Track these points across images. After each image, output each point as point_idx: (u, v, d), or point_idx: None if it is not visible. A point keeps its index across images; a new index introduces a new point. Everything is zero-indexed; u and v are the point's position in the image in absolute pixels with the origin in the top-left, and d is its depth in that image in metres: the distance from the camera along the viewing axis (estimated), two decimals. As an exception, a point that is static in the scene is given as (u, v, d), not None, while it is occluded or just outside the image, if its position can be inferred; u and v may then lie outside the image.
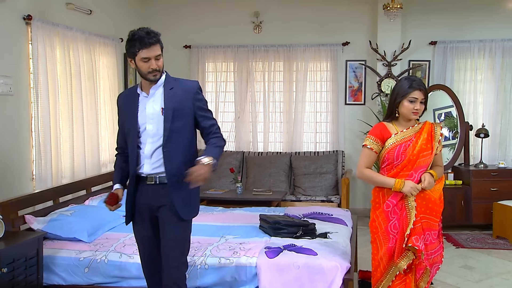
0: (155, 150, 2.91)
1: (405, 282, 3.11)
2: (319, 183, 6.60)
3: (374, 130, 3.25)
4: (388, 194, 3.17)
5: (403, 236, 3.10)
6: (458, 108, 6.50)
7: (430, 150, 3.17)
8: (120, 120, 3.11)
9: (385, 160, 3.20)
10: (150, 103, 2.93)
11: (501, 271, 4.88)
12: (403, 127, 3.23)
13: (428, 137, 3.19)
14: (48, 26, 4.71)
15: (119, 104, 3.11)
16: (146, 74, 2.87)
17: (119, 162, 3.15)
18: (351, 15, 6.99)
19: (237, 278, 3.49)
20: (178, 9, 7.16)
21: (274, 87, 7.12)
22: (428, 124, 3.25)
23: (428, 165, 3.17)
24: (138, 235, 3.07)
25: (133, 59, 2.87)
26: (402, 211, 3.14)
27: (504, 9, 6.58)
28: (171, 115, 2.89)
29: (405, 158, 3.14)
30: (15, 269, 3.32)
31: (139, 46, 2.81)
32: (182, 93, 2.95)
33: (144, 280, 3.52)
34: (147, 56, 2.83)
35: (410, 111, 3.17)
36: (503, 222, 5.89)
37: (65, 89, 4.99)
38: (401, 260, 3.10)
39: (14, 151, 4.43)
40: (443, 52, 6.80)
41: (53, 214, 4.18)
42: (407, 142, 3.16)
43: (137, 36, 2.81)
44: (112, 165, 5.88)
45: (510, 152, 6.77)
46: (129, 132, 2.99)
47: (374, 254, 3.25)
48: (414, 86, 3.16)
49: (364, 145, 3.25)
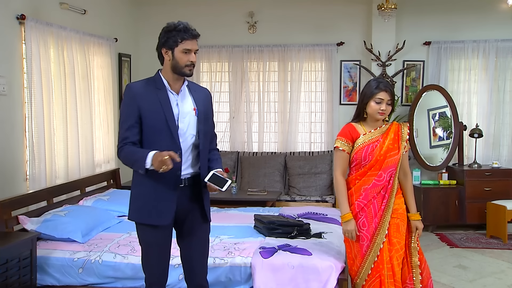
0: (185, 150, 2.82)
1: (380, 279, 3.15)
2: (314, 183, 6.61)
3: (343, 131, 3.33)
4: (357, 193, 3.25)
5: (372, 233, 3.19)
6: (452, 108, 6.52)
7: (397, 150, 3.25)
8: (135, 113, 2.75)
9: (353, 160, 3.29)
10: (181, 102, 2.83)
11: (495, 271, 4.90)
12: (371, 127, 3.31)
13: (395, 136, 3.27)
14: (42, 25, 4.69)
15: (136, 95, 2.76)
16: (183, 67, 2.76)
17: (136, 147, 2.78)
18: (346, 16, 7.00)
19: (232, 278, 3.49)
20: (173, 9, 7.15)
21: (269, 87, 7.12)
22: (395, 125, 3.34)
23: (397, 164, 3.24)
24: (154, 241, 2.85)
25: (172, 50, 2.75)
26: (370, 210, 3.22)
27: (498, 10, 6.61)
28: (203, 117, 2.87)
29: (373, 158, 3.22)
30: (9, 270, 3.30)
31: (184, 36, 2.73)
32: (205, 98, 2.96)
33: (138, 280, 3.54)
34: (190, 48, 2.75)
35: (376, 111, 3.24)
36: (496, 222, 5.92)
37: (59, 89, 4.96)
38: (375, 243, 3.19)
39: (7, 151, 4.40)
40: (437, 52, 6.83)
41: (47, 214, 4.16)
42: (374, 143, 3.25)
43: (182, 26, 2.73)
44: (106, 165, 5.91)
45: (503, 152, 6.81)
46: (155, 129, 2.75)
47: (348, 252, 3.36)
48: (380, 87, 3.23)
49: (335, 147, 3.31)
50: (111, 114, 6.03)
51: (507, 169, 6.43)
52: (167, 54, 2.78)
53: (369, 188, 3.22)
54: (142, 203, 2.80)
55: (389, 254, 3.17)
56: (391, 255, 3.17)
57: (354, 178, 3.28)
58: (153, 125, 2.75)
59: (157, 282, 2.91)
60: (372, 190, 3.22)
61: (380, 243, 3.18)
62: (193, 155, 2.87)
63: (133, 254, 3.65)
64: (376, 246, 3.18)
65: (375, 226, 3.20)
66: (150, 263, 2.89)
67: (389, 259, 3.17)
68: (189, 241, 2.92)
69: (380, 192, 3.23)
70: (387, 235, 3.20)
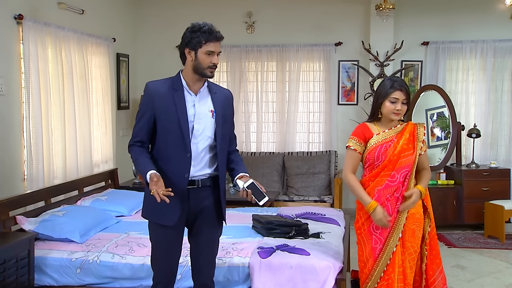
0: (200, 151, 2.83)
1: (388, 282, 3.11)
2: (312, 183, 6.61)
3: (356, 131, 3.25)
4: (371, 195, 3.16)
5: (385, 236, 3.12)
6: (450, 108, 6.53)
7: (412, 150, 3.15)
8: (149, 113, 2.78)
9: (366, 160, 3.21)
10: (198, 103, 2.83)
11: (493, 270, 4.91)
12: (386, 127, 3.22)
13: (410, 137, 3.18)
14: (40, 25, 4.68)
15: (153, 94, 2.78)
16: (205, 69, 2.77)
17: (144, 151, 2.84)
18: (344, 16, 7.01)
19: (230, 278, 3.48)
20: (171, 9, 7.15)
21: (267, 87, 7.12)
22: (410, 125, 3.23)
23: (411, 166, 3.14)
24: (163, 239, 2.86)
25: (195, 51, 2.75)
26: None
27: (496, 10, 6.62)
28: (221, 119, 2.87)
29: (386, 158, 3.13)
30: (6, 270, 3.29)
31: (208, 38, 2.73)
32: (225, 100, 2.95)
33: (136, 281, 3.53)
34: (214, 49, 2.75)
35: (391, 111, 3.14)
36: (494, 222, 5.93)
37: (57, 89, 4.96)
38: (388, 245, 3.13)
39: (5, 152, 4.40)
40: (435, 52, 6.83)
41: (44, 214, 4.15)
42: (388, 143, 3.16)
43: (207, 28, 2.73)
44: (104, 165, 5.90)
45: (501, 152, 6.82)
46: (167, 130, 2.77)
47: (360, 254, 3.28)
48: (395, 86, 3.13)
49: (347, 147, 3.25)
50: (109, 114, 6.02)
51: (504, 169, 6.44)
52: (190, 54, 2.78)
53: (382, 189, 3.13)
54: (153, 203, 2.77)
55: (402, 258, 3.11)
56: (403, 258, 3.12)
57: (368, 180, 3.20)
58: (166, 125, 2.76)
59: (163, 280, 2.91)
60: (385, 191, 3.13)
61: (393, 246, 3.10)
62: (209, 156, 2.87)
63: (131, 254, 3.64)
64: (389, 249, 3.10)
65: (389, 229, 3.13)
66: (159, 261, 2.91)
67: (401, 262, 3.11)
68: (198, 240, 2.93)
69: (393, 194, 3.13)
70: (401, 239, 3.12)
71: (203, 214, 2.90)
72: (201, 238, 2.93)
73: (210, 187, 2.90)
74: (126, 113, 6.80)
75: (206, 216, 2.91)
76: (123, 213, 4.77)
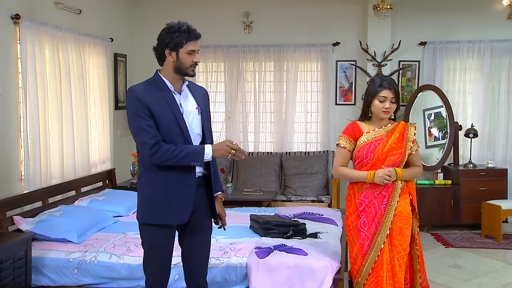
0: None
1: (377, 280, 3.15)
2: (310, 183, 6.62)
3: (347, 129, 3.33)
4: (359, 192, 3.24)
5: (372, 233, 3.17)
6: (448, 108, 6.54)
7: (401, 149, 3.23)
8: (148, 114, 2.71)
9: (356, 158, 3.28)
10: (183, 101, 2.84)
11: (490, 270, 4.91)
12: (376, 126, 3.30)
13: (400, 136, 3.25)
14: (37, 25, 4.67)
15: (144, 97, 2.72)
16: (187, 68, 2.78)
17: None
18: (341, 16, 7.01)
19: (228, 279, 3.48)
20: (168, 9, 7.14)
21: (265, 87, 7.12)
22: (401, 124, 3.31)
23: (399, 165, 3.23)
24: (160, 242, 2.83)
25: (176, 51, 2.75)
26: (371, 209, 3.20)
27: (493, 10, 6.63)
28: (205, 116, 2.90)
29: (374, 156, 3.20)
30: (3, 271, 3.29)
31: (188, 37, 2.74)
32: (204, 97, 2.98)
33: (133, 281, 3.53)
34: (194, 48, 2.77)
35: (380, 110, 3.21)
36: (491, 222, 5.94)
37: (54, 89, 4.95)
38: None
39: (2, 152, 4.38)
40: (432, 52, 6.84)
41: (42, 215, 4.14)
42: (377, 141, 3.23)
43: (185, 28, 2.74)
44: (101, 166, 5.89)
45: (498, 152, 6.83)
46: (166, 129, 2.73)
47: (350, 251, 3.35)
48: (384, 85, 3.20)
49: (337, 144, 3.33)
50: (107, 114, 6.01)
51: (502, 169, 6.46)
52: (171, 55, 2.77)
53: (369, 186, 3.21)
54: (155, 204, 2.76)
55: (390, 255, 3.15)
56: (391, 255, 3.15)
57: None
58: (164, 125, 2.73)
59: (157, 283, 2.89)
60: (372, 188, 3.21)
61: (381, 243, 3.15)
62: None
63: (128, 254, 3.64)
64: (377, 246, 3.16)
65: (376, 226, 3.18)
66: (153, 264, 2.87)
67: (389, 260, 3.15)
68: (191, 240, 2.92)
69: (381, 192, 3.20)
70: (389, 236, 3.17)
71: (197, 213, 2.89)
72: (195, 238, 2.92)
73: (202, 187, 2.90)
74: (124, 113, 6.78)
75: (201, 215, 2.91)
76: (120, 213, 4.77)
